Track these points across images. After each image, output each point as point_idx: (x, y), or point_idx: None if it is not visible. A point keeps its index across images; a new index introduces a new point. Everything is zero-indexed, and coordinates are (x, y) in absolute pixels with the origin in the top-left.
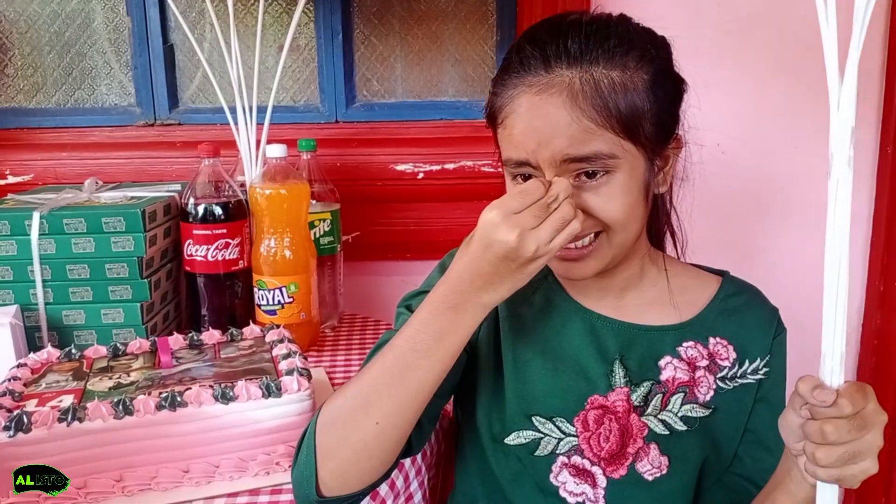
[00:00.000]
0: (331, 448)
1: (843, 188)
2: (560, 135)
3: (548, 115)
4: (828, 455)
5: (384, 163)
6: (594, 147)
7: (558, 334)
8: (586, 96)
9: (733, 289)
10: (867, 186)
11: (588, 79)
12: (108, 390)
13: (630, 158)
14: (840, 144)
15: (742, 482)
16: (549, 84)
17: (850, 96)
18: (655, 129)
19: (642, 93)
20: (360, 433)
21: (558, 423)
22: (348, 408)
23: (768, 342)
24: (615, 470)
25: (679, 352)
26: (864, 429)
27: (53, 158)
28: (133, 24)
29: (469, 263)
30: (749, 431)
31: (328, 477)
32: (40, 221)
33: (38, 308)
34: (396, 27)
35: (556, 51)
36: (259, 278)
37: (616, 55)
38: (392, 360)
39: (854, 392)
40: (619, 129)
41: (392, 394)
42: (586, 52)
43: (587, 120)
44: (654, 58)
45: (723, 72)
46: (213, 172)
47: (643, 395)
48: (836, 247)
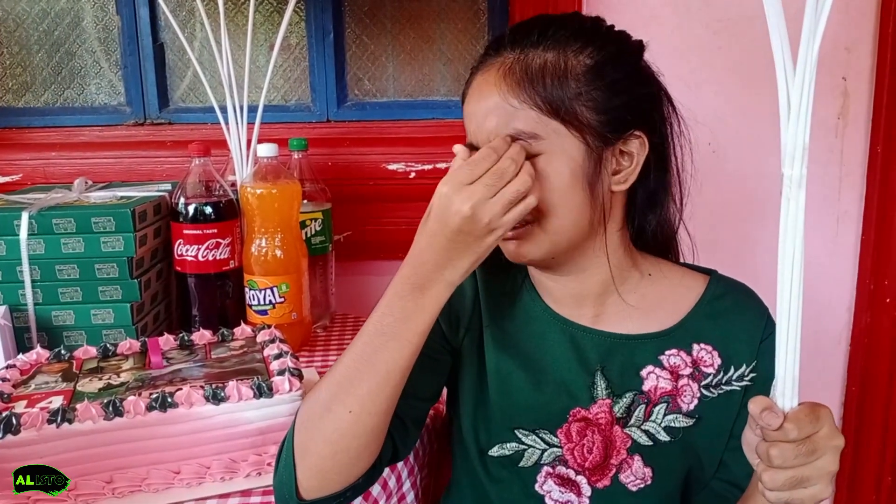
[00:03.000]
0: (307, 445)
1: (793, 210)
2: (490, 113)
3: (481, 92)
4: (773, 479)
5: (376, 162)
6: (517, 125)
7: (539, 346)
8: (514, 74)
9: (720, 290)
10: (857, 186)
11: (522, 59)
12: (97, 391)
13: (559, 140)
14: (791, 162)
15: (728, 487)
16: (491, 64)
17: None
18: (598, 117)
19: (579, 76)
20: (335, 423)
21: (542, 434)
22: (322, 399)
23: (755, 347)
24: (599, 480)
25: (661, 360)
26: (813, 454)
27: (42, 158)
28: (123, 22)
29: (428, 241)
30: (734, 437)
31: (306, 476)
32: (29, 221)
33: (27, 309)
34: (388, 26)
35: (506, 36)
36: (250, 278)
37: (559, 40)
38: (361, 346)
39: (803, 416)
40: (543, 107)
41: (363, 379)
42: (530, 36)
43: (512, 97)
44: (604, 49)
45: (712, 71)
46: (204, 172)
47: (626, 406)
48: (787, 269)
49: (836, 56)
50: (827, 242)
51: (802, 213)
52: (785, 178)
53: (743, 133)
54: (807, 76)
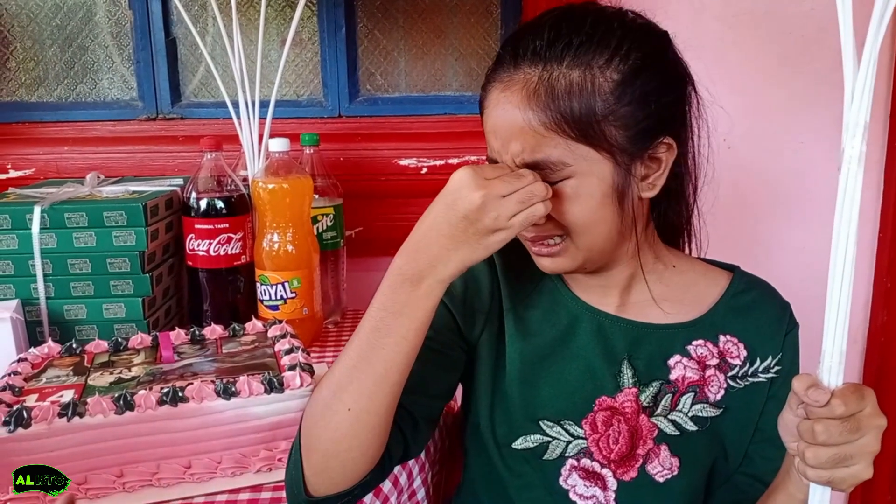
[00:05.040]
0: (311, 443)
1: (851, 184)
2: (515, 137)
3: (506, 114)
4: (817, 455)
5: (388, 157)
6: (544, 153)
7: (565, 334)
8: (539, 97)
9: (743, 285)
10: (875, 183)
11: (546, 77)
12: (108, 385)
13: (589, 164)
14: (852, 140)
15: (751, 482)
16: (513, 80)
17: (865, 90)
18: (627, 133)
19: (607, 95)
20: (335, 421)
21: (566, 425)
22: (324, 397)
23: (780, 340)
24: (625, 472)
25: (689, 350)
26: (857, 431)
27: (55, 153)
28: (135, 17)
29: (430, 224)
30: (759, 430)
31: (312, 473)
32: (41, 215)
33: (39, 303)
34: (400, 21)
35: (526, 46)
36: (261, 273)
37: (581, 53)
38: (358, 343)
39: (850, 394)
40: (572, 133)
41: (361, 377)
42: (552, 48)
43: (538, 123)
44: (629, 58)
45: (728, 66)
46: (216, 167)
47: (652, 395)
48: (842, 244)
49: None
50: None
51: (860, 187)
52: (845, 156)
53: (758, 128)
54: (872, 57)
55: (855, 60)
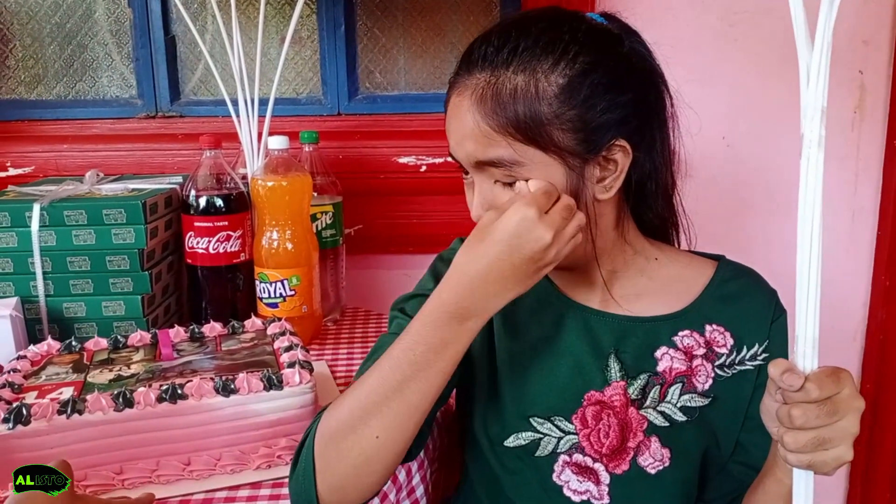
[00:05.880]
0: (330, 463)
1: (813, 169)
2: (467, 138)
3: (459, 117)
4: (796, 440)
5: (387, 155)
6: (496, 152)
7: (552, 331)
8: (487, 102)
9: (729, 273)
10: (874, 180)
11: (493, 83)
12: (108, 383)
13: (540, 166)
14: (810, 123)
15: (745, 470)
16: (465, 86)
17: (821, 72)
18: (576, 136)
19: (552, 99)
20: (360, 447)
21: (557, 421)
22: (347, 421)
23: (766, 327)
24: (617, 465)
25: (675, 341)
26: (834, 414)
27: (54, 150)
28: (134, 15)
29: (489, 265)
30: (749, 418)
31: (326, 492)
32: (41, 213)
33: (38, 300)
34: (399, 18)
35: (479, 51)
36: (261, 271)
37: (526, 58)
38: (389, 371)
39: (824, 377)
40: (519, 136)
41: (392, 406)
42: (499, 53)
43: (486, 126)
44: (576, 62)
45: (728, 64)
46: (215, 164)
47: (640, 387)
48: (807, 229)
49: (853, 49)
50: (842, 238)
51: (821, 173)
52: (805, 139)
53: (758, 126)
54: (825, 38)
55: (808, 43)
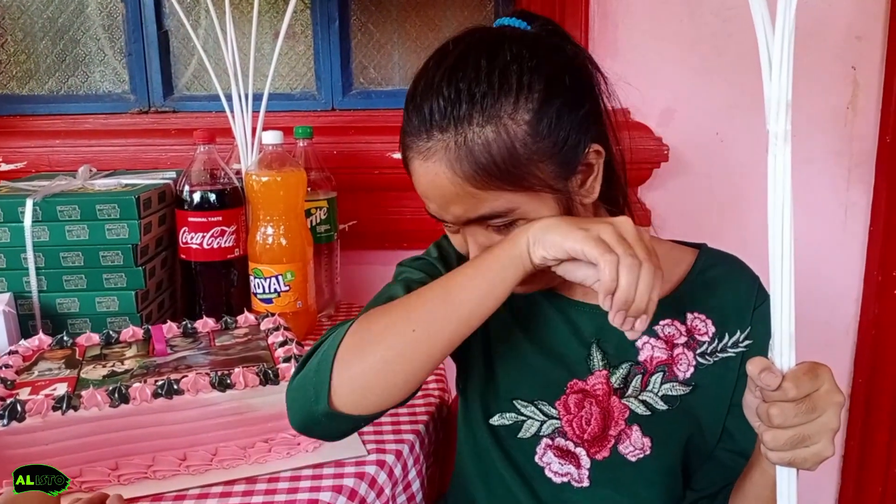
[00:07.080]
0: (356, 355)
1: (781, 164)
2: (452, 202)
3: (434, 183)
4: (775, 438)
5: (381, 151)
6: (488, 207)
7: (535, 321)
8: (461, 162)
9: (710, 261)
10: (866, 176)
11: (461, 141)
12: (102, 378)
13: (532, 203)
14: (775, 118)
15: (734, 456)
16: (430, 150)
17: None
18: (554, 162)
19: (524, 137)
20: (393, 339)
21: (540, 405)
22: (383, 320)
23: (749, 313)
24: (598, 452)
25: (656, 330)
26: (813, 411)
27: (47, 146)
28: (127, 10)
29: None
30: (735, 405)
31: (344, 387)
32: (34, 208)
33: (31, 296)
34: (393, 14)
35: (430, 111)
36: (255, 266)
37: (487, 106)
38: (444, 280)
39: (801, 375)
40: (505, 185)
41: (437, 305)
42: (456, 108)
43: (470, 187)
44: (533, 91)
45: (722, 59)
46: (209, 160)
47: (622, 376)
48: (778, 225)
49: (846, 45)
50: (835, 233)
51: (789, 168)
52: (770, 135)
53: (753, 122)
54: (787, 30)
55: (769, 34)
